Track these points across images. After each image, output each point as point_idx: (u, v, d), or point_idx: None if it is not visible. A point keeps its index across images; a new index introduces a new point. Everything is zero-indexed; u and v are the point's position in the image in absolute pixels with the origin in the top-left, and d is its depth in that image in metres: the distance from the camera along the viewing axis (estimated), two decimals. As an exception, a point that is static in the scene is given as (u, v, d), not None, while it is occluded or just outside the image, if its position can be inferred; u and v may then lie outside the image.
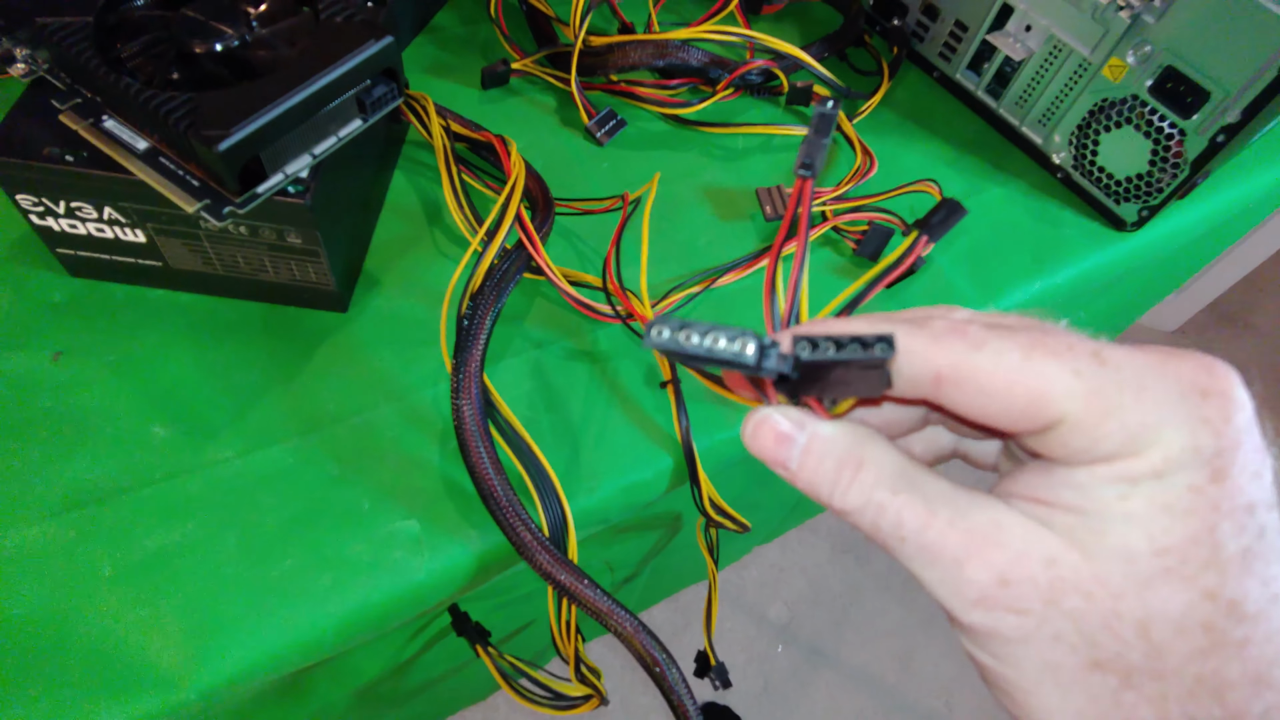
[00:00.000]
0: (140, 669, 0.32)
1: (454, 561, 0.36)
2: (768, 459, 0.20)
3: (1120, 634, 0.16)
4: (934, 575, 0.18)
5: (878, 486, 0.19)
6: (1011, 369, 0.17)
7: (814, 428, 0.19)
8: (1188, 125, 0.46)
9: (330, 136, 0.35)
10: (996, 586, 0.17)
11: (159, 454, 0.36)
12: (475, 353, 0.37)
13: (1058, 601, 0.17)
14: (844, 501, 0.19)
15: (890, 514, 0.18)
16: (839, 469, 0.19)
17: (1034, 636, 0.17)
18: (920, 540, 0.18)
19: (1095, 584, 0.17)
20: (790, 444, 0.19)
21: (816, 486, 0.19)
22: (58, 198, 0.36)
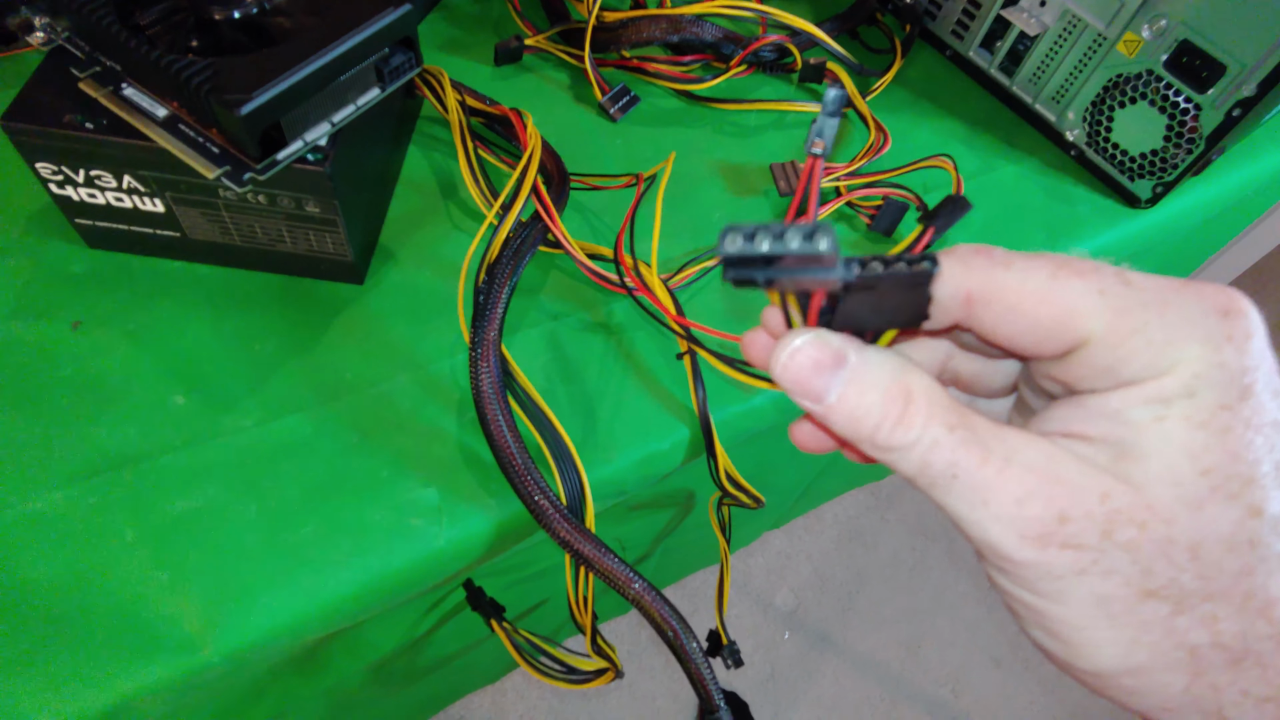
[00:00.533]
0: (163, 631, 0.32)
1: (472, 530, 0.36)
2: (802, 390, 0.18)
3: (1174, 559, 0.16)
4: (986, 514, 0.17)
5: (931, 421, 0.18)
6: (1039, 286, 0.17)
7: (858, 355, 0.18)
8: (1203, 100, 0.46)
9: (349, 105, 0.35)
10: (1056, 523, 0.17)
11: (179, 422, 0.36)
12: (493, 323, 0.37)
13: (1112, 534, 0.17)
14: (891, 438, 0.18)
15: (945, 451, 0.17)
16: (887, 402, 0.18)
17: (1089, 571, 0.17)
18: (976, 478, 0.17)
19: (1147, 513, 0.16)
20: (830, 372, 0.18)
21: (859, 422, 0.18)
22: (77, 166, 0.36)
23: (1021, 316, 0.18)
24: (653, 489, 0.48)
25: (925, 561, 1.30)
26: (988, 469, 0.17)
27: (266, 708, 0.46)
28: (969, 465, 0.17)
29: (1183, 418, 0.16)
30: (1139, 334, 0.17)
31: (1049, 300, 0.17)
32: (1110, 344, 0.17)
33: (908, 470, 0.18)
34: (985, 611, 1.26)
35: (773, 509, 0.83)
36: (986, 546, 0.18)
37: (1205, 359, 0.16)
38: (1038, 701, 1.21)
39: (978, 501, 0.17)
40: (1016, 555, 0.17)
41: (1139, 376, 0.17)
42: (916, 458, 0.18)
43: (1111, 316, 0.17)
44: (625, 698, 1.13)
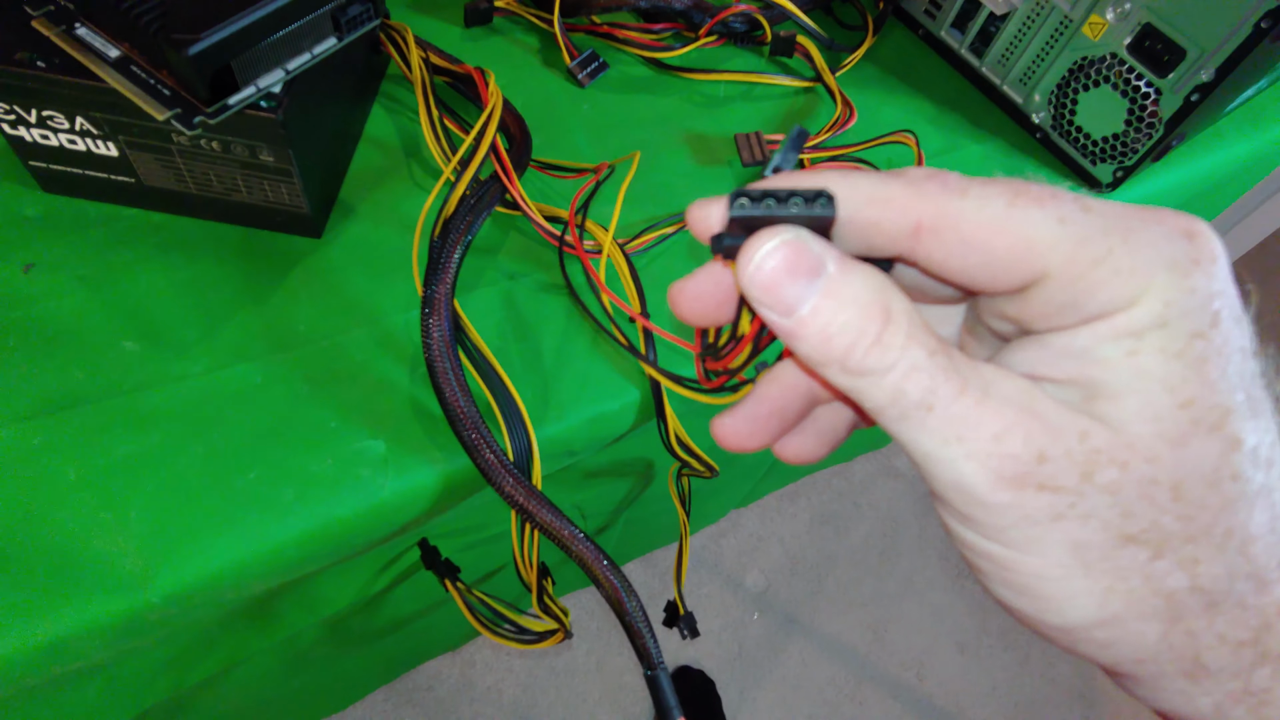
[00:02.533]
0: (103, 571, 0.32)
1: (419, 482, 0.37)
2: (772, 299, 0.16)
3: (1157, 500, 0.15)
4: (960, 451, 0.16)
5: (910, 343, 0.16)
6: (996, 216, 0.16)
7: (837, 265, 0.16)
8: (1163, 84, 0.46)
9: (304, 53, 0.35)
10: (1034, 462, 0.15)
11: (128, 366, 0.37)
12: (445, 277, 0.37)
13: (1092, 475, 0.15)
14: (865, 360, 0.16)
15: (922, 378, 0.16)
16: (864, 319, 0.16)
17: (1065, 515, 0.16)
18: (952, 410, 0.16)
19: (1128, 452, 0.15)
20: (806, 281, 0.16)
21: (830, 341, 0.16)
22: (29, 106, 0.35)
23: (976, 249, 0.16)
24: (608, 454, 0.48)
25: (895, 547, 1.31)
26: (965, 400, 0.16)
27: (218, 658, 0.46)
28: (946, 395, 0.16)
29: (1157, 350, 0.15)
30: (1103, 263, 0.15)
31: (1006, 230, 0.16)
32: (1073, 276, 0.15)
33: (877, 399, 0.16)
34: (952, 598, 1.28)
35: (738, 485, 0.84)
36: (956, 489, 0.16)
37: (1175, 285, 0.15)
38: (1000, 687, 1.22)
39: (951, 436, 0.16)
40: (990, 498, 0.16)
41: (1105, 309, 0.16)
42: (890, 384, 0.16)
43: (1073, 246, 0.15)
44: (593, 673, 1.14)
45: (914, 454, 0.16)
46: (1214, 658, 0.16)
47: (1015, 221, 0.16)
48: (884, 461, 1.39)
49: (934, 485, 0.17)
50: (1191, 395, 0.15)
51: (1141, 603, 0.16)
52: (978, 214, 0.16)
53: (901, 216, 0.17)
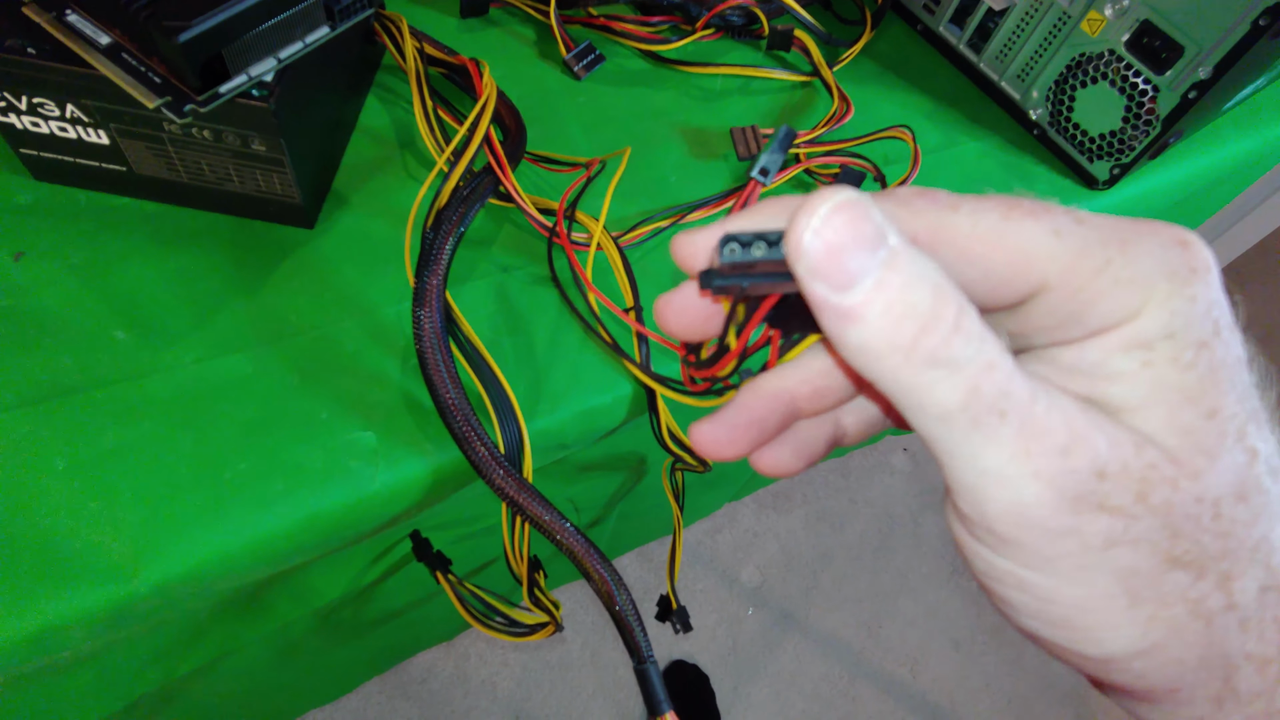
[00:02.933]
0: (91, 560, 0.32)
1: (409, 474, 0.37)
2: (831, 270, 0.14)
3: (1200, 520, 0.15)
4: (1027, 468, 0.14)
5: (987, 338, 0.14)
6: (991, 229, 0.15)
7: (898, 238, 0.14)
8: (1161, 81, 0.46)
9: (297, 42, 0.35)
10: (1096, 479, 0.14)
11: (118, 356, 0.36)
12: (437, 269, 0.37)
13: (1147, 496, 0.14)
14: (947, 346, 0.14)
15: (1001, 377, 0.14)
16: (939, 300, 0.14)
17: (1118, 541, 0.15)
18: (1028, 417, 0.14)
19: (1175, 468, 0.15)
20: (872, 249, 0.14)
21: (898, 322, 0.14)
22: (19, 92, 0.35)
23: (973, 263, 0.16)
24: (601, 448, 0.48)
25: (890, 544, 1.31)
26: (1038, 406, 0.14)
27: (209, 648, 0.46)
28: (1021, 399, 0.14)
29: (1169, 360, 0.15)
30: (1103, 273, 0.15)
31: (1002, 244, 0.15)
32: (1073, 287, 0.15)
33: (948, 400, 0.14)
34: (946, 595, 1.28)
35: (732, 478, 0.84)
36: (1012, 513, 0.15)
37: (1177, 294, 0.15)
38: (993, 683, 1.23)
39: (1020, 451, 0.14)
40: (1052, 521, 0.14)
41: (1109, 320, 0.15)
42: (965, 381, 0.14)
43: (1071, 258, 0.15)
44: (588, 666, 1.14)
45: (969, 472, 0.15)
46: (1243, 679, 0.16)
47: (1011, 234, 0.15)
48: (880, 458, 1.39)
49: (984, 509, 0.15)
50: (1214, 405, 0.15)
51: (1183, 629, 0.15)
52: (973, 228, 0.16)
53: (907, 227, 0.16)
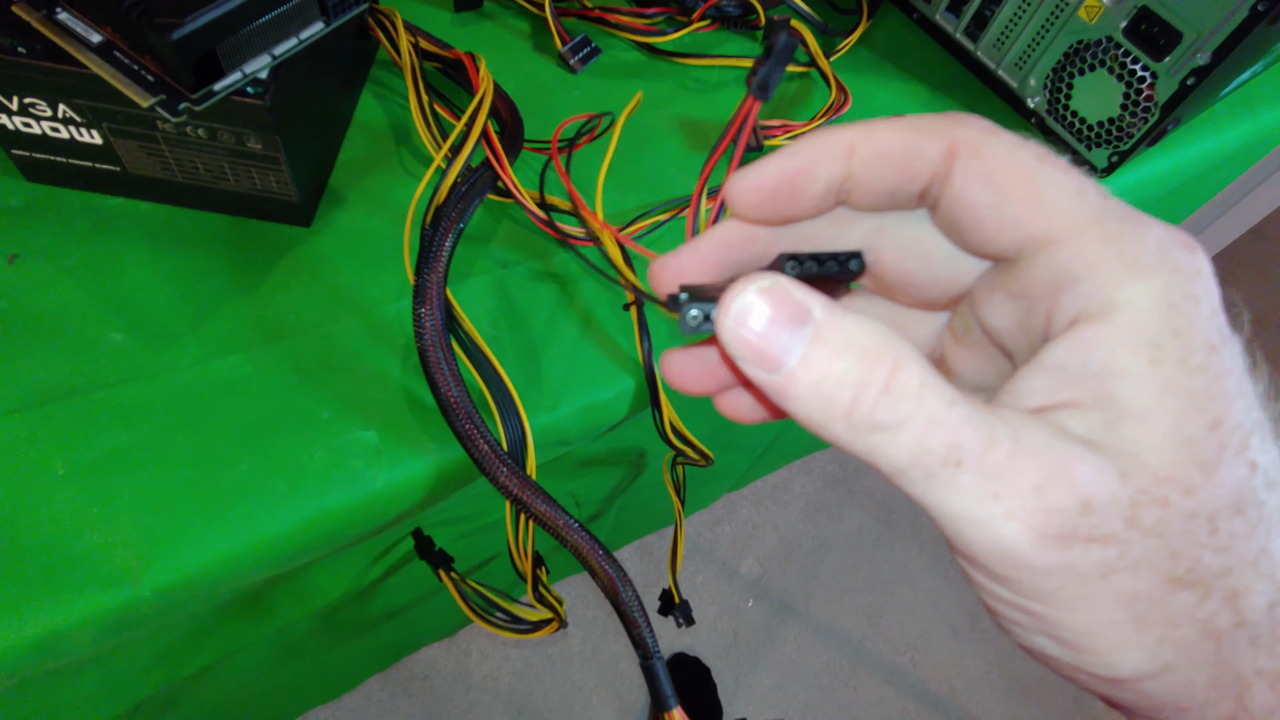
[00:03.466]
0: (93, 565, 0.32)
1: (412, 473, 0.36)
2: (753, 355, 0.15)
3: (1197, 537, 0.14)
4: (998, 510, 0.14)
5: (926, 392, 0.14)
6: (1025, 161, 0.16)
7: (824, 310, 0.15)
8: (1159, 68, 0.46)
9: (291, 38, 0.35)
10: (1080, 514, 0.14)
11: (116, 358, 0.36)
12: (437, 266, 0.37)
13: (1138, 520, 0.14)
14: (876, 412, 0.14)
15: (945, 431, 0.14)
16: (867, 366, 0.14)
17: (1116, 568, 0.14)
18: (985, 463, 0.14)
19: (1167, 486, 0.14)
20: (790, 330, 0.15)
21: (828, 395, 0.14)
22: (10, 92, 0.35)
23: (999, 186, 0.16)
24: (602, 443, 0.48)
25: (889, 534, 1.32)
26: (997, 451, 0.14)
27: (211, 650, 0.46)
28: (976, 448, 0.14)
29: (1178, 361, 0.14)
30: (1111, 245, 0.15)
31: (1029, 180, 0.16)
32: (1078, 248, 0.15)
33: (896, 460, 0.14)
34: (945, 583, 1.28)
35: (730, 469, 0.84)
36: (996, 553, 0.15)
37: (1179, 290, 0.15)
38: (992, 671, 1.23)
39: (987, 495, 0.14)
40: (1038, 560, 0.14)
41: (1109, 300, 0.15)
42: (909, 440, 0.14)
43: (1086, 220, 0.15)
44: (589, 661, 1.14)
45: (941, 517, 0.15)
46: (1255, 696, 0.15)
47: (1041, 176, 0.16)
48: (878, 448, 1.39)
49: (968, 550, 0.15)
50: (1219, 415, 0.14)
51: (1194, 649, 0.15)
52: (1009, 154, 0.16)
53: (939, 140, 0.17)
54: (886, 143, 0.17)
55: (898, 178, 0.17)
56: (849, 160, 0.18)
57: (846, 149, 0.17)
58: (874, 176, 0.18)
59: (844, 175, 0.18)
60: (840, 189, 0.18)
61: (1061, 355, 0.15)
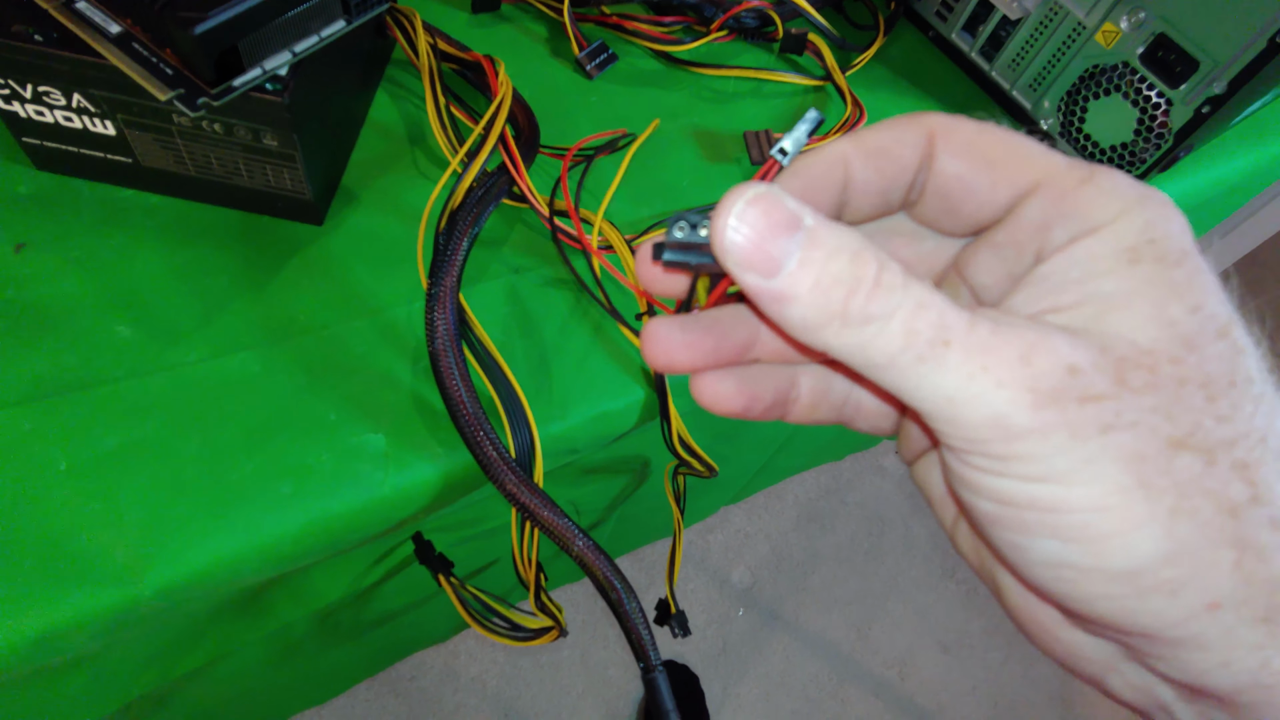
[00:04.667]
0: (94, 563, 0.32)
1: (419, 478, 0.36)
2: (753, 260, 0.15)
3: (1191, 402, 0.15)
4: (988, 381, 0.15)
5: (910, 282, 0.15)
6: (994, 130, 0.18)
7: (814, 217, 0.16)
8: (1175, 95, 0.46)
9: (312, 35, 0.34)
10: (1067, 375, 0.15)
11: (122, 352, 0.36)
12: (451, 270, 0.37)
13: (1126, 380, 0.15)
14: (870, 304, 0.15)
15: (931, 314, 0.15)
16: (858, 264, 0.15)
17: (1113, 425, 0.15)
18: (971, 341, 0.15)
19: (1151, 356, 0.15)
20: (787, 235, 0.15)
21: (826, 293, 0.15)
22: (24, 80, 0.34)
23: (982, 152, 0.18)
24: (607, 452, 0.48)
25: (880, 546, 1.32)
26: (981, 329, 0.15)
27: (206, 650, 0.46)
28: (960, 327, 0.15)
29: (1155, 259, 0.16)
30: (1088, 183, 0.16)
31: (1006, 141, 0.18)
32: (1060, 189, 0.17)
33: (887, 347, 0.15)
34: (936, 597, 1.28)
35: (730, 482, 0.84)
36: (992, 424, 0.15)
37: (1154, 211, 0.16)
38: (980, 687, 1.23)
39: (976, 369, 0.15)
40: (1034, 420, 0.15)
41: (1091, 222, 0.16)
42: (899, 326, 0.15)
43: (1060, 167, 0.17)
44: (578, 666, 1.14)
45: (934, 401, 0.15)
46: None
47: (1012, 137, 0.18)
48: (872, 460, 1.39)
49: (965, 431, 0.15)
50: (1198, 301, 0.16)
51: (1210, 524, 0.15)
52: (980, 127, 0.18)
53: (919, 127, 0.18)
54: (874, 141, 0.19)
55: (892, 171, 0.19)
56: (845, 168, 0.19)
57: (841, 159, 0.19)
58: (870, 177, 0.19)
59: (844, 184, 0.19)
60: (839, 200, 0.19)
61: (1044, 270, 0.17)
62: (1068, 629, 0.19)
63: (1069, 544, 0.15)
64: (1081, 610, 0.16)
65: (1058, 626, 0.19)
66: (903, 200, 0.20)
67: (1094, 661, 0.18)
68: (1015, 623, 0.20)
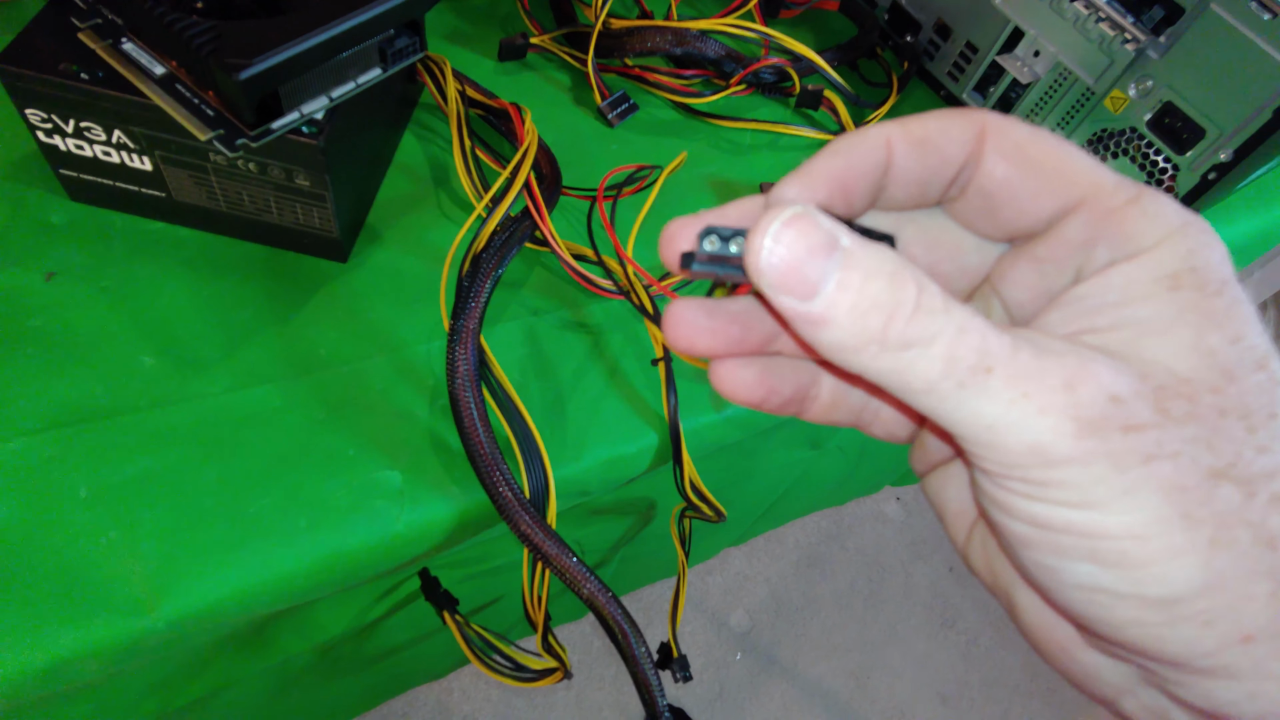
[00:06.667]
0: (109, 592, 0.32)
1: (433, 515, 0.36)
2: (791, 283, 0.15)
3: (1232, 433, 0.15)
4: (1030, 408, 0.15)
5: (951, 307, 0.15)
6: (1048, 138, 0.18)
7: (851, 238, 0.15)
8: (1181, 161, 0.47)
9: (349, 81, 0.35)
10: (1110, 404, 0.15)
11: (146, 382, 0.36)
12: (474, 312, 0.37)
13: (1167, 409, 0.15)
14: (910, 328, 0.15)
15: (973, 339, 0.15)
16: (897, 287, 0.15)
17: (1155, 455, 0.15)
18: (1014, 366, 0.15)
19: (1190, 385, 0.15)
20: (825, 256, 0.15)
21: (866, 316, 0.15)
22: (68, 116, 0.35)
23: (1031, 159, 0.17)
24: (616, 494, 0.48)
25: (880, 593, 1.31)
26: (1023, 355, 0.15)
27: (208, 681, 0.45)
28: (1003, 353, 0.15)
29: (1195, 287, 0.16)
30: (1134, 204, 0.16)
31: (1057, 152, 0.17)
32: (1105, 208, 0.17)
33: (928, 373, 0.15)
34: (936, 646, 1.27)
35: (734, 525, 0.84)
36: (1034, 451, 0.15)
37: (1195, 239, 0.16)
38: (979, 741, 1.22)
39: (1018, 395, 0.15)
40: (1075, 450, 0.14)
41: (1134, 246, 0.16)
42: (941, 352, 0.15)
43: (1108, 184, 0.17)
44: (572, 706, 1.12)
45: (974, 427, 0.15)
46: None
47: (1064, 147, 0.17)
48: (874, 506, 1.39)
49: (1001, 456, 0.15)
50: (1238, 332, 0.15)
51: (1247, 555, 0.15)
52: (1033, 132, 0.18)
53: (969, 122, 0.18)
54: (921, 130, 0.18)
55: (935, 163, 0.18)
56: (889, 152, 0.18)
57: (885, 142, 0.18)
58: (911, 165, 0.18)
59: (885, 168, 0.18)
60: (879, 184, 0.19)
61: (1082, 291, 0.17)
62: (1085, 650, 0.18)
63: (1105, 569, 0.15)
64: (1111, 635, 0.16)
65: (1075, 647, 0.19)
66: (942, 194, 0.19)
67: (1110, 684, 0.18)
68: (1029, 640, 0.20)
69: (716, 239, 0.16)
